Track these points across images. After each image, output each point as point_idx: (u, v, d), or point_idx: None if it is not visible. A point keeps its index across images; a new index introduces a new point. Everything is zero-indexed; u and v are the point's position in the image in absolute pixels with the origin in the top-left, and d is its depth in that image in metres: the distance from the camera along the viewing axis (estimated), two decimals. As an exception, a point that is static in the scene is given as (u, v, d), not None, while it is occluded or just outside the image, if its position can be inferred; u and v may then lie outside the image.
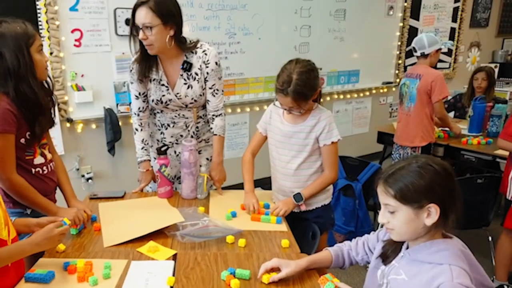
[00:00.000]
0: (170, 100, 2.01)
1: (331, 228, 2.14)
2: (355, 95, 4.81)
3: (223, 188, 2.13)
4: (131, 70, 2.00)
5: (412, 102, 3.15)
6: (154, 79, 1.99)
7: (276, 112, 1.93)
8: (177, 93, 2.00)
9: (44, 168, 1.68)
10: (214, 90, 2.03)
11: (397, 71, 5.09)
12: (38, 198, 1.61)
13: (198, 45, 1.98)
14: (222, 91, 2.07)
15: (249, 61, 3.89)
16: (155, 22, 1.79)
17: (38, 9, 2.85)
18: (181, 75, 1.98)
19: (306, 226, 1.90)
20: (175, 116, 2.08)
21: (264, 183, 2.06)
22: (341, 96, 4.67)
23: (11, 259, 1.28)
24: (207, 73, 1.98)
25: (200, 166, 2.07)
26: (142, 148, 2.10)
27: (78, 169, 3.26)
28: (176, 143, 2.14)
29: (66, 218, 1.45)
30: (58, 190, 1.81)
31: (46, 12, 2.87)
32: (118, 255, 1.51)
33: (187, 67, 1.96)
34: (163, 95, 2.00)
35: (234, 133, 4.04)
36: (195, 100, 2.02)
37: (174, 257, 1.51)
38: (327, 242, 2.02)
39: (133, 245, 1.57)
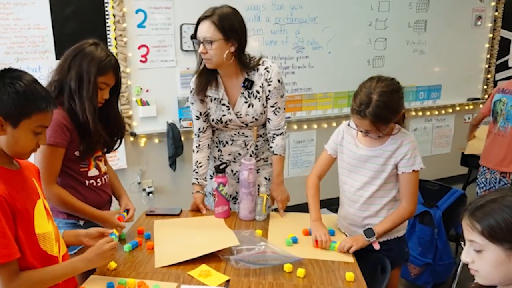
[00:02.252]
0: (230, 120, 2.00)
1: (405, 264, 1.96)
2: (436, 112, 4.54)
3: (286, 209, 2.07)
4: (191, 91, 2.01)
5: (510, 122, 2.87)
6: (215, 99, 1.99)
7: (349, 133, 1.81)
8: (238, 112, 1.98)
9: (98, 180, 1.73)
10: (276, 109, 1.99)
11: (485, 87, 4.74)
12: (79, 205, 1.64)
13: (260, 62, 1.95)
14: (284, 108, 2.02)
15: (318, 76, 3.82)
16: (216, 37, 1.78)
17: (108, 26, 3.02)
18: (242, 93, 1.96)
19: (375, 259, 1.75)
20: (235, 134, 2.06)
21: (331, 204, 1.96)
22: (420, 113, 4.43)
23: (65, 277, 1.31)
24: (269, 91, 1.94)
25: (259, 186, 2.01)
26: (193, 171, 2.10)
27: (139, 183, 3.36)
28: (234, 161, 2.11)
29: (116, 230, 1.45)
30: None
31: (115, 30, 3.03)
32: (168, 278, 1.49)
33: (248, 85, 1.94)
34: (223, 115, 2.00)
35: (299, 150, 3.96)
36: (255, 119, 1.99)
37: (227, 283, 1.46)
38: (401, 275, 1.85)
39: (184, 267, 1.54)
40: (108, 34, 3.02)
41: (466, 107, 4.71)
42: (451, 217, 2.69)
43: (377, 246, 1.71)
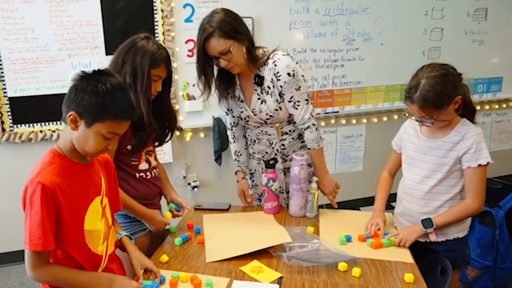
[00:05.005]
0: (248, 116, 2.01)
1: (465, 266, 1.89)
2: (496, 106, 4.33)
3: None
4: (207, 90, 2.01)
5: None
6: (234, 96, 2.01)
7: (411, 126, 1.79)
8: (253, 109, 1.98)
9: (148, 173, 1.78)
10: (294, 103, 1.93)
11: (552, 79, 4.46)
12: (129, 202, 1.68)
13: (271, 56, 1.91)
14: (306, 100, 1.95)
15: (368, 68, 3.74)
16: (229, 44, 1.78)
17: (156, 21, 3.09)
18: (255, 89, 1.96)
19: (434, 259, 1.70)
20: (259, 133, 2.06)
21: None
22: (478, 107, 4.22)
23: (84, 287, 1.29)
24: (281, 86, 1.90)
25: (310, 182, 1.99)
26: (235, 160, 2.17)
27: (185, 177, 3.43)
28: (263, 159, 2.11)
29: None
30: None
31: (163, 24, 3.10)
32: (220, 272, 1.51)
33: (259, 81, 1.92)
34: (242, 112, 2.01)
35: (347, 146, 3.90)
36: (270, 116, 1.96)
37: (279, 280, 1.46)
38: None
39: (236, 263, 1.56)
40: (156, 29, 3.09)
41: (530, 101, 4.47)
42: (516, 218, 2.57)
43: (433, 237, 1.67)
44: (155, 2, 3.05)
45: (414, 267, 1.53)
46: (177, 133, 3.31)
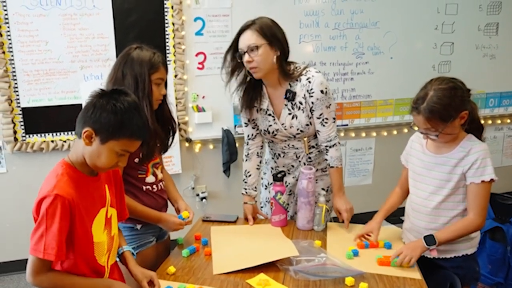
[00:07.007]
0: (277, 130, 2.01)
1: (475, 283, 1.87)
2: (508, 121, 4.31)
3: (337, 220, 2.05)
4: (239, 99, 2.05)
5: None
6: (261, 109, 2.01)
7: (418, 141, 1.80)
8: (283, 124, 1.99)
9: (154, 186, 1.79)
10: (322, 120, 1.95)
11: None
12: (140, 208, 1.70)
13: (303, 72, 1.93)
14: (334, 118, 1.98)
15: (378, 82, 3.76)
16: (260, 42, 1.80)
17: (167, 34, 3.14)
18: (286, 104, 1.97)
19: (443, 275, 1.68)
20: (285, 147, 2.07)
21: (391, 215, 1.94)
22: (489, 121, 4.22)
23: None
24: (312, 102, 1.92)
25: (319, 195, 2.00)
26: (243, 180, 2.14)
27: (193, 188, 3.46)
28: (288, 173, 2.13)
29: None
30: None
31: (173, 37, 3.15)
32: (227, 285, 1.51)
33: (290, 96, 1.93)
34: (270, 125, 2.02)
35: (357, 159, 3.90)
36: (301, 131, 1.98)
37: (286, 294, 1.46)
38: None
39: (242, 275, 1.56)
40: (167, 42, 3.15)
41: (543, 115, 4.43)
42: (527, 234, 2.54)
43: (434, 254, 1.66)
44: (166, 15, 3.11)
45: (422, 284, 1.52)
46: (186, 144, 3.35)
